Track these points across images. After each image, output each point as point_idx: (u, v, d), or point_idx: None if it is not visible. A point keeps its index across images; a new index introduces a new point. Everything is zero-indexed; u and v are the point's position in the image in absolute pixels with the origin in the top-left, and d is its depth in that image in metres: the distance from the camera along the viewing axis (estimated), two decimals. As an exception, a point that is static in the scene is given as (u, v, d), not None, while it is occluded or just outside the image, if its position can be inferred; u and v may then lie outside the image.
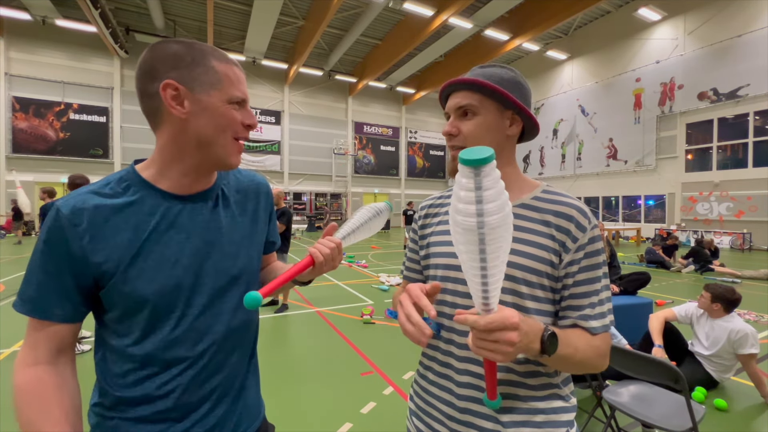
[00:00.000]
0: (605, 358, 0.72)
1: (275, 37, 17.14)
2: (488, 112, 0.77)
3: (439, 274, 0.81)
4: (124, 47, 16.15)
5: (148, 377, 0.69)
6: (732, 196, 12.71)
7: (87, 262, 0.64)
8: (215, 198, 0.78)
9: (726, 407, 2.52)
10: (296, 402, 2.57)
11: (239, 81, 0.72)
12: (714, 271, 7.87)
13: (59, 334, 0.66)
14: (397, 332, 4.05)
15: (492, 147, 0.75)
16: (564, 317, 0.74)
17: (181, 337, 0.70)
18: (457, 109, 0.78)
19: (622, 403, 1.83)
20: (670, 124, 14.24)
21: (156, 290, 0.67)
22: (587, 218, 0.73)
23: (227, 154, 0.71)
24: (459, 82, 0.78)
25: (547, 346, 0.60)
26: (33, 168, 15.56)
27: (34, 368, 0.63)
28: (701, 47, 13.25)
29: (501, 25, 15.03)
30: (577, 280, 0.72)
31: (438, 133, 25.66)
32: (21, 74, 15.33)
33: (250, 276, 0.81)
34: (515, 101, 0.75)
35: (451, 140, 0.80)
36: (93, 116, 16.57)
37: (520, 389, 0.73)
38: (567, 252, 0.71)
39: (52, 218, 0.64)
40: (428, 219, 0.91)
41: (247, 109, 0.74)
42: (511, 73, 0.79)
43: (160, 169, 0.71)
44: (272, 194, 0.92)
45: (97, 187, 0.69)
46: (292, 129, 20.85)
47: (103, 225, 0.65)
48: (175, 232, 0.70)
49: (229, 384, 0.78)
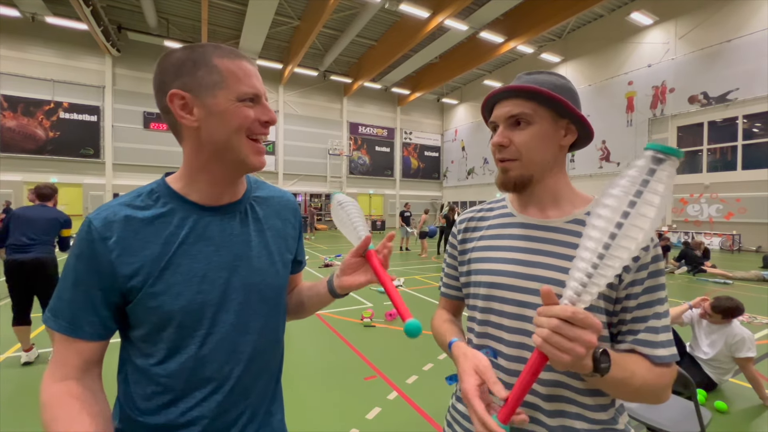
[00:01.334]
0: (668, 389, 0.65)
1: (270, 37, 17.04)
2: (544, 121, 0.72)
3: (481, 293, 0.77)
4: (116, 45, 15.93)
5: (173, 402, 0.66)
6: (722, 198, 12.94)
7: (115, 277, 0.63)
8: (244, 211, 0.76)
9: (726, 409, 2.56)
10: (301, 407, 2.55)
11: (247, 75, 0.66)
12: (706, 273, 8.00)
13: (88, 352, 0.65)
14: (398, 336, 4.05)
15: (546, 158, 0.73)
16: (622, 341, 0.68)
17: (208, 356, 0.67)
18: (508, 118, 0.73)
19: (631, 408, 1.85)
20: (661, 126, 14.46)
21: (183, 306, 0.65)
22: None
23: (245, 155, 0.68)
24: (511, 89, 0.73)
25: (598, 365, 0.54)
26: (22, 168, 15.25)
27: (61, 384, 0.62)
28: (692, 51, 13.48)
29: (496, 27, 15.14)
30: (641, 302, 0.66)
31: (433, 134, 25.75)
32: (9, 72, 15.02)
33: (278, 294, 0.79)
34: (573, 109, 0.71)
35: (501, 152, 0.74)
36: (84, 115, 16.31)
37: (574, 407, 0.68)
38: (628, 272, 0.66)
39: (84, 231, 0.64)
40: (469, 233, 0.85)
41: (263, 104, 0.69)
42: (563, 79, 0.75)
43: (189, 181, 0.70)
44: (300, 212, 0.91)
45: (129, 199, 0.68)
46: (286, 129, 20.74)
47: (132, 238, 0.64)
48: (204, 244, 0.69)
49: (255, 410, 0.75)
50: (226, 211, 0.73)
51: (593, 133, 0.75)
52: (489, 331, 0.76)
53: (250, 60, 0.69)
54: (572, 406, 0.68)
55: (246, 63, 0.68)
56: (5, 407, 2.46)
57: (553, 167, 0.75)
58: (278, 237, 0.81)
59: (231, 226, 0.72)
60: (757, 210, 12.03)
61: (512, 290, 0.73)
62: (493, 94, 0.76)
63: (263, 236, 0.77)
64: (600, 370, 0.55)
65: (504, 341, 0.73)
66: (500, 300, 0.74)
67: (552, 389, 0.69)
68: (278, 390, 0.84)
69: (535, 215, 0.77)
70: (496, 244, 0.78)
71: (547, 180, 0.75)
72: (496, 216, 0.83)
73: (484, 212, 0.86)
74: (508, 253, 0.76)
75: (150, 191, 0.70)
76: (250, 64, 0.68)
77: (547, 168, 0.74)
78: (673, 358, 0.65)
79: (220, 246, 0.70)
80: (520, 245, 0.75)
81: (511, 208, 0.81)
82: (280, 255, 0.80)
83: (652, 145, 0.49)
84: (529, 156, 0.72)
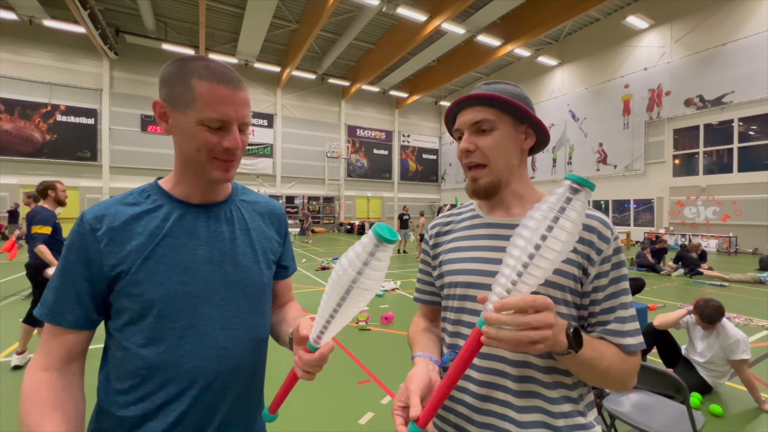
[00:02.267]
0: (634, 376, 0.70)
1: (268, 40, 17.08)
2: (506, 126, 0.76)
3: (458, 293, 0.79)
4: (114, 48, 15.93)
5: (148, 396, 0.67)
6: (718, 201, 12.99)
7: (101, 266, 0.66)
8: (230, 212, 0.80)
9: (722, 413, 2.55)
10: (293, 412, 2.52)
11: (218, 101, 0.66)
12: (703, 275, 8.01)
13: (70, 342, 0.67)
14: (394, 339, 4.02)
15: (512, 162, 0.77)
16: (592, 332, 0.72)
17: (187, 349, 0.68)
18: (472, 125, 0.76)
19: (624, 413, 1.83)
20: (657, 129, 14.52)
21: (164, 294, 0.67)
22: (609, 228, 0.72)
23: (207, 171, 0.71)
24: (473, 97, 0.76)
25: (572, 341, 0.57)
26: (18, 171, 15.19)
27: (43, 373, 0.64)
28: (687, 55, 13.56)
29: (493, 30, 15.22)
30: (608, 293, 0.70)
31: (431, 137, 25.81)
32: (6, 75, 14.99)
33: (262, 292, 0.80)
34: (532, 114, 0.75)
35: (468, 157, 0.77)
36: (81, 118, 16.28)
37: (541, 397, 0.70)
38: (592, 264, 0.70)
39: (77, 224, 0.69)
40: (440, 237, 0.89)
41: (230, 129, 0.68)
42: (518, 89, 0.79)
43: (176, 179, 0.76)
44: (286, 219, 0.93)
45: (121, 197, 0.73)
46: (284, 132, 20.75)
47: (120, 230, 0.68)
48: (188, 238, 0.72)
49: (234, 411, 0.75)
50: (211, 210, 0.77)
51: (549, 137, 0.80)
52: (461, 331, 0.78)
53: (236, 84, 0.68)
54: (539, 400, 0.69)
55: (224, 88, 0.67)
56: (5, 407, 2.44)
57: (518, 170, 0.79)
58: (263, 238, 0.83)
59: (217, 225, 0.76)
60: (754, 212, 12.07)
61: (482, 288, 0.75)
62: (455, 103, 0.79)
63: (248, 236, 0.80)
64: (574, 346, 0.57)
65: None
66: (472, 299, 0.76)
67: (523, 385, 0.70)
68: (261, 393, 0.84)
69: (501, 215, 0.81)
70: (466, 245, 0.81)
71: (513, 183, 0.79)
72: (464, 219, 0.87)
73: (453, 216, 0.90)
74: (477, 253, 0.78)
75: (142, 190, 0.75)
76: (231, 89, 0.67)
77: (514, 171, 0.78)
78: (640, 347, 0.69)
79: (205, 242, 0.73)
80: (488, 244, 0.78)
81: (479, 211, 0.85)
82: (264, 255, 0.82)
83: (571, 176, 0.54)
84: (496, 160, 0.76)
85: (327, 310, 0.62)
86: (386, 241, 0.57)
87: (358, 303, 0.61)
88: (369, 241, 0.58)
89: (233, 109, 0.68)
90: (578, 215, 0.53)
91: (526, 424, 0.68)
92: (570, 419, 0.70)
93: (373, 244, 0.58)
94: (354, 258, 0.59)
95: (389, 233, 0.57)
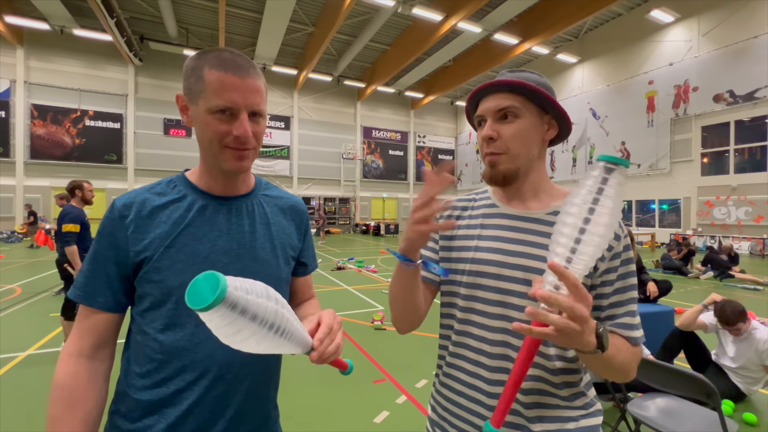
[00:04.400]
0: (636, 367, 0.72)
1: (285, 44, 17.35)
2: (531, 115, 0.74)
3: (464, 281, 0.78)
4: (138, 55, 16.54)
5: (164, 382, 0.69)
6: (750, 200, 12.37)
7: (128, 251, 0.69)
8: (252, 205, 0.81)
9: (756, 421, 2.41)
10: (308, 410, 2.53)
11: (225, 88, 0.66)
12: (734, 278, 7.63)
13: (101, 325, 0.70)
14: (409, 339, 4.00)
15: (532, 151, 0.75)
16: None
17: (203, 338, 0.69)
18: (497, 112, 0.74)
19: (649, 418, 1.75)
20: (684, 127, 13.96)
21: (182, 282, 0.68)
22: (620, 226, 0.71)
23: (222, 161, 0.71)
24: (501, 84, 0.73)
25: (602, 341, 0.57)
26: (50, 173, 15.94)
27: (75, 361, 0.68)
28: (716, 49, 12.99)
29: (510, 29, 14.98)
30: (617, 288, 0.71)
31: (446, 138, 25.62)
32: (39, 82, 15.78)
33: (279, 287, 0.79)
34: (557, 104, 0.74)
35: (489, 145, 0.75)
36: (108, 123, 16.95)
37: (551, 395, 0.72)
38: (602, 260, 0.70)
39: (108, 211, 0.72)
40: (456, 213, 0.86)
41: (239, 117, 0.68)
42: (543, 78, 0.77)
43: (200, 173, 0.78)
44: (308, 215, 0.94)
45: (150, 186, 0.76)
46: (301, 134, 21.01)
47: (147, 218, 0.71)
48: (209, 229, 0.73)
49: (247, 404, 0.75)
50: (234, 202, 0.78)
51: (571, 129, 0.78)
52: (473, 318, 0.77)
53: (245, 72, 0.68)
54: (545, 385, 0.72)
55: (232, 75, 0.66)
56: (3, 408, 2.55)
57: (537, 161, 0.77)
58: (282, 234, 0.84)
59: (238, 217, 0.77)
60: (790, 213, 11.45)
61: (496, 279, 0.75)
62: (480, 88, 0.76)
63: (268, 230, 0.81)
64: (603, 346, 0.57)
65: (488, 327, 0.75)
66: (484, 288, 0.76)
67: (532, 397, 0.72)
68: (275, 389, 0.84)
69: (518, 207, 0.79)
70: (480, 233, 0.80)
71: (532, 174, 0.78)
72: (479, 206, 0.84)
73: (466, 202, 0.87)
74: (491, 243, 0.77)
75: (169, 181, 0.78)
76: (239, 76, 0.67)
77: (533, 161, 0.77)
78: (643, 339, 0.72)
79: (225, 233, 0.75)
80: (503, 235, 0.77)
81: (495, 200, 0.83)
82: (283, 250, 0.83)
83: (604, 156, 0.55)
84: (517, 149, 0.74)
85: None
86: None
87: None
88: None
89: (240, 95, 0.67)
90: (617, 193, 0.53)
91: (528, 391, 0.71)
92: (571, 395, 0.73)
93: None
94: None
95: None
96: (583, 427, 0.72)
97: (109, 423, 0.72)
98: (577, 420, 0.72)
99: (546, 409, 0.71)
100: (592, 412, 0.74)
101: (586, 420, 0.73)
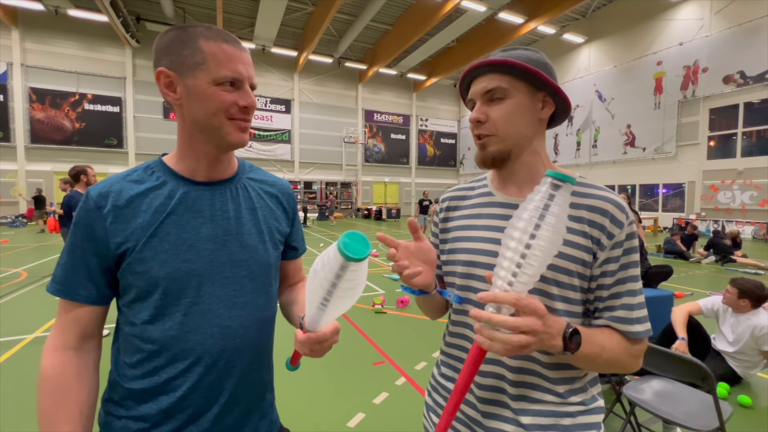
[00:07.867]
0: (639, 359, 0.69)
1: (284, 24, 16.94)
2: (520, 94, 0.71)
3: (458, 270, 0.77)
4: (135, 36, 16.20)
5: (156, 371, 0.68)
6: (756, 185, 12.23)
7: (108, 243, 0.66)
8: (236, 189, 0.78)
9: (751, 404, 2.44)
10: (308, 391, 2.58)
11: (229, 59, 0.66)
12: (736, 263, 7.63)
13: (85, 318, 0.69)
14: (409, 322, 4.04)
15: (525, 132, 0.73)
16: (599, 317, 0.70)
17: (192, 326, 0.69)
18: (484, 94, 0.72)
19: (645, 400, 1.78)
20: (692, 109, 13.68)
21: (168, 272, 0.67)
22: (624, 213, 0.68)
23: (226, 133, 0.69)
24: (485, 64, 0.71)
25: (568, 344, 0.58)
26: (51, 158, 15.91)
27: (61, 353, 0.67)
28: (728, 27, 12.59)
29: (516, 7, 14.54)
30: (617, 278, 0.68)
31: (449, 121, 25.28)
32: (36, 65, 15.55)
33: (266, 272, 0.79)
34: (549, 80, 0.70)
35: (478, 128, 0.73)
36: (107, 106, 16.79)
37: (545, 390, 0.71)
38: (602, 249, 0.67)
39: (83, 201, 0.69)
40: (450, 212, 0.86)
41: (244, 88, 0.69)
42: (537, 54, 0.74)
43: (180, 156, 0.74)
44: (295, 198, 0.91)
45: (125, 173, 0.73)
46: (302, 118, 20.77)
47: (125, 207, 0.68)
48: (192, 216, 0.71)
49: (240, 390, 0.75)
50: (217, 187, 0.75)
51: (570, 105, 0.75)
52: (468, 308, 0.76)
53: (240, 44, 0.69)
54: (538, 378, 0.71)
55: (231, 47, 0.67)
56: (4, 404, 2.61)
57: (532, 141, 0.74)
58: (270, 217, 0.82)
59: (222, 202, 0.74)
60: (796, 197, 11.33)
61: (488, 268, 0.72)
62: (468, 71, 0.74)
63: (254, 215, 0.78)
64: (570, 348, 0.58)
65: None
66: (477, 278, 0.75)
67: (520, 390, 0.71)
68: (268, 372, 0.84)
69: (514, 194, 0.77)
70: (475, 223, 0.79)
71: (526, 156, 0.75)
72: (476, 195, 0.83)
73: (465, 191, 0.86)
74: (486, 233, 0.76)
75: (146, 167, 0.74)
76: (237, 48, 0.68)
77: (526, 142, 0.74)
78: (648, 333, 0.68)
79: (209, 220, 0.72)
80: (496, 224, 0.76)
81: (491, 188, 0.81)
82: (270, 234, 0.81)
83: (551, 173, 0.56)
84: (506, 130, 0.72)
85: (315, 301, 0.60)
86: (352, 260, 0.52)
87: (345, 302, 0.60)
88: (334, 258, 0.54)
89: (243, 66, 0.68)
90: (561, 210, 0.55)
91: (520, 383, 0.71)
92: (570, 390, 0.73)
93: (339, 265, 0.54)
94: (322, 272, 0.57)
95: (357, 248, 0.53)
96: (581, 424, 0.70)
97: (102, 410, 0.73)
98: (574, 416, 0.70)
99: (538, 403, 0.70)
100: (592, 408, 0.72)
101: (585, 417, 0.71)
